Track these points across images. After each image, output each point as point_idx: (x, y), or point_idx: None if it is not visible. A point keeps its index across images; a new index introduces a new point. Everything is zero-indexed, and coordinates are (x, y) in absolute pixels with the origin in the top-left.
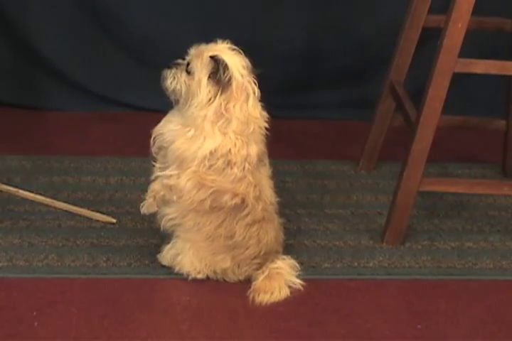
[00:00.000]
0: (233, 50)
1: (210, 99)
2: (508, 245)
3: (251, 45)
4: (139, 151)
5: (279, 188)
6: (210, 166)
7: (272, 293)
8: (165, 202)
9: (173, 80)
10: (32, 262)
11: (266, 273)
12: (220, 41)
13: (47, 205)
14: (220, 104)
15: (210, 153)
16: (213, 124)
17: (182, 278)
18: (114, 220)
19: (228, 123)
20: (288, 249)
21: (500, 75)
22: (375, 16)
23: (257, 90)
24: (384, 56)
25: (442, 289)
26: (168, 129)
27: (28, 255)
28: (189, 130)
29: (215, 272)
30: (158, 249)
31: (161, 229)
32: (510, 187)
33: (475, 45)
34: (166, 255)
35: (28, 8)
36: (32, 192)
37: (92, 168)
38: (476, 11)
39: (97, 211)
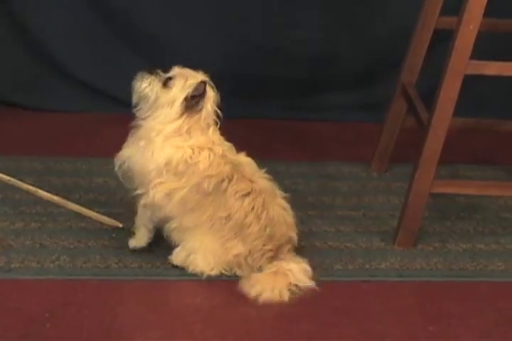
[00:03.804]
0: (210, 84)
1: (175, 118)
2: None
3: (264, 47)
4: None
5: (291, 190)
6: (174, 173)
7: (271, 290)
8: (159, 219)
9: (148, 86)
10: (44, 263)
11: (274, 269)
12: (200, 71)
13: (59, 207)
14: (181, 124)
15: (166, 164)
16: (166, 139)
17: (193, 280)
18: (120, 225)
19: (187, 139)
20: (300, 251)
21: None
22: (387, 18)
23: (219, 123)
24: (396, 58)
25: (454, 291)
26: (128, 151)
27: (40, 256)
28: (141, 141)
29: (228, 263)
30: (169, 250)
31: (172, 242)
32: None
33: (489, 47)
34: (177, 257)
35: (40, 8)
36: (49, 192)
37: (103, 169)
38: (488, 12)
39: (108, 213)
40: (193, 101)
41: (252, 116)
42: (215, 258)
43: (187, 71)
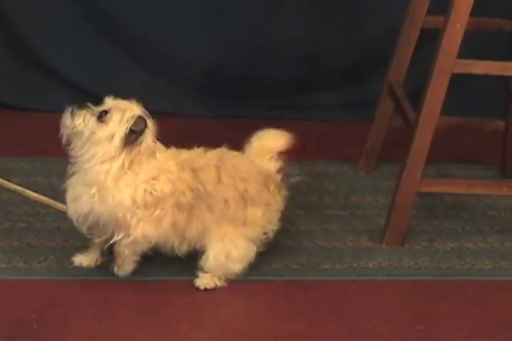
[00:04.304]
0: (146, 114)
1: (114, 155)
2: (508, 246)
3: (251, 46)
4: None
5: None
6: (145, 207)
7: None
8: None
9: (82, 122)
10: (31, 264)
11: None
12: (134, 101)
13: (47, 207)
14: (123, 161)
15: (132, 203)
16: (116, 180)
17: (181, 280)
18: None
19: (135, 175)
20: (287, 250)
21: (499, 76)
22: (375, 17)
23: (163, 148)
24: (384, 57)
25: (442, 290)
26: (83, 205)
27: (27, 257)
28: (92, 189)
29: (264, 227)
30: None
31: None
32: (509, 188)
33: (477, 46)
34: (215, 269)
35: (29, 9)
36: (37, 192)
37: None
38: (475, 11)
39: None
40: (132, 137)
41: (240, 115)
42: (257, 233)
43: (122, 103)
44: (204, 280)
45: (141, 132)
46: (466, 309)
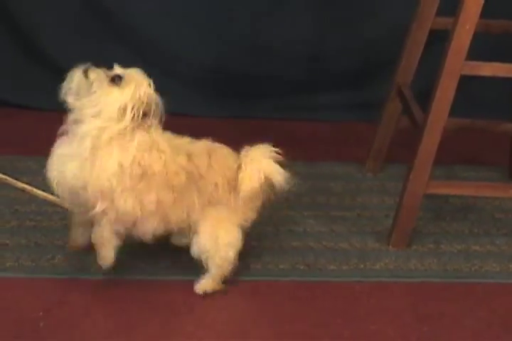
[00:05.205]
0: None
1: (122, 118)
2: None
3: (254, 47)
4: None
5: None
6: (130, 176)
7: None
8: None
9: (96, 77)
10: (38, 262)
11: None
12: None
13: (54, 205)
14: (127, 126)
15: (119, 167)
16: (111, 140)
17: (188, 280)
18: None
19: (131, 139)
20: (294, 251)
21: (507, 78)
22: (379, 18)
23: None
24: (388, 58)
25: (448, 292)
26: (66, 168)
27: (35, 255)
28: (86, 142)
29: (245, 214)
30: (161, 248)
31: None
32: None
33: (484, 48)
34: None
35: (35, 8)
36: (44, 191)
37: None
38: (484, 13)
39: None
40: (151, 113)
41: (243, 116)
42: (240, 219)
43: (134, 73)
44: (201, 286)
45: (156, 107)
46: (472, 311)
